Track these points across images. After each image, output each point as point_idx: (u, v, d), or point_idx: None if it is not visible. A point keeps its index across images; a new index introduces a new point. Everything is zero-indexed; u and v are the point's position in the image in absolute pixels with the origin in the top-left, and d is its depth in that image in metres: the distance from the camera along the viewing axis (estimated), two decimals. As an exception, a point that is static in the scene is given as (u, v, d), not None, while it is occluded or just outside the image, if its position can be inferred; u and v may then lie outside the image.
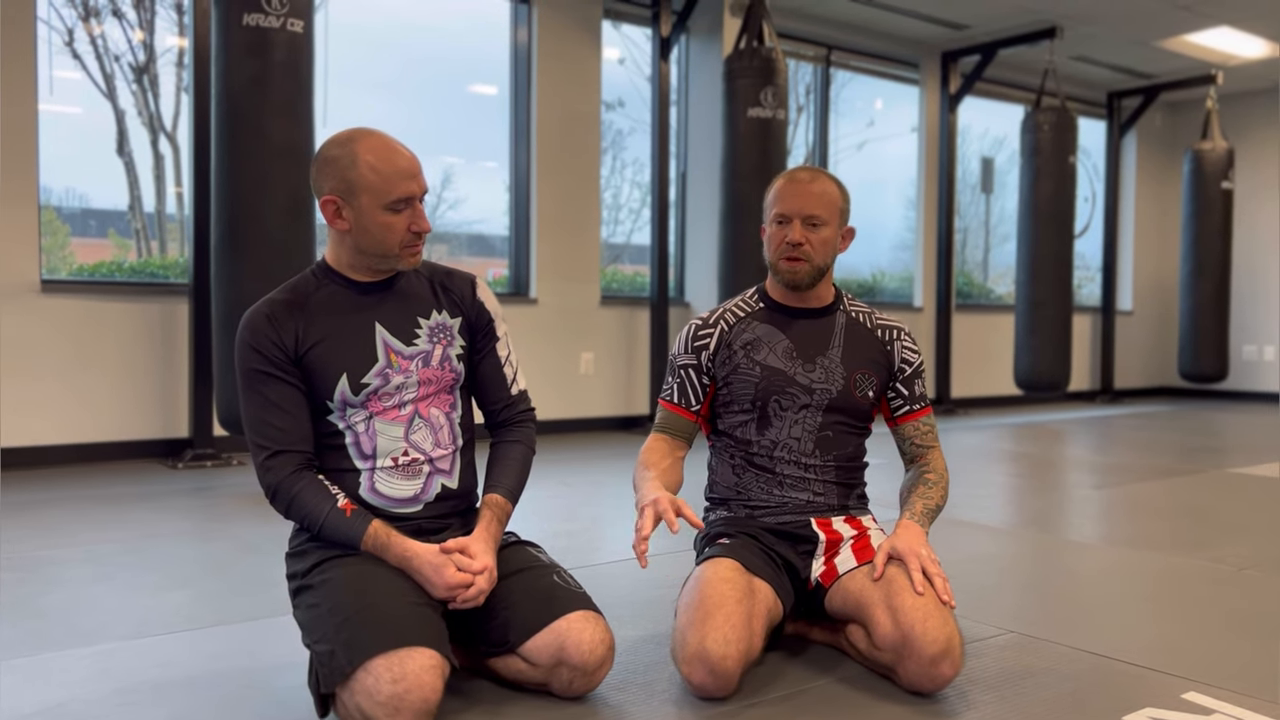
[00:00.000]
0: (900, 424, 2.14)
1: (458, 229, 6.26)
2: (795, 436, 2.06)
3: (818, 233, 2.02)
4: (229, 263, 4.02)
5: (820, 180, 2.04)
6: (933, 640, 1.77)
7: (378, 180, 1.70)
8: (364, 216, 1.71)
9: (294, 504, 1.71)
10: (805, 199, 2.01)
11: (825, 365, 2.07)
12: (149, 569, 2.71)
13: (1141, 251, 9.59)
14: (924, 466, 2.10)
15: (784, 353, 2.08)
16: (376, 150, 1.71)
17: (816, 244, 2.02)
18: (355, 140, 1.72)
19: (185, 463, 4.48)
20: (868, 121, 8.02)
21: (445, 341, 1.84)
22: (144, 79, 5.23)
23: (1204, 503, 3.96)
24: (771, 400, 2.06)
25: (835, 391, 2.06)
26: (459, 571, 1.68)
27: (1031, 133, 7.15)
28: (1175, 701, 1.84)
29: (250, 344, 1.73)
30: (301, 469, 1.73)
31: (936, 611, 1.81)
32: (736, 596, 1.81)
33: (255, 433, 1.73)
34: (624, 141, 6.80)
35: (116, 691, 1.82)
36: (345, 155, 1.70)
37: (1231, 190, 8.21)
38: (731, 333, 2.11)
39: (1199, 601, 2.54)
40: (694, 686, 1.77)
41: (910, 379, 2.13)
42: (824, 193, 2.03)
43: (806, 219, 2.01)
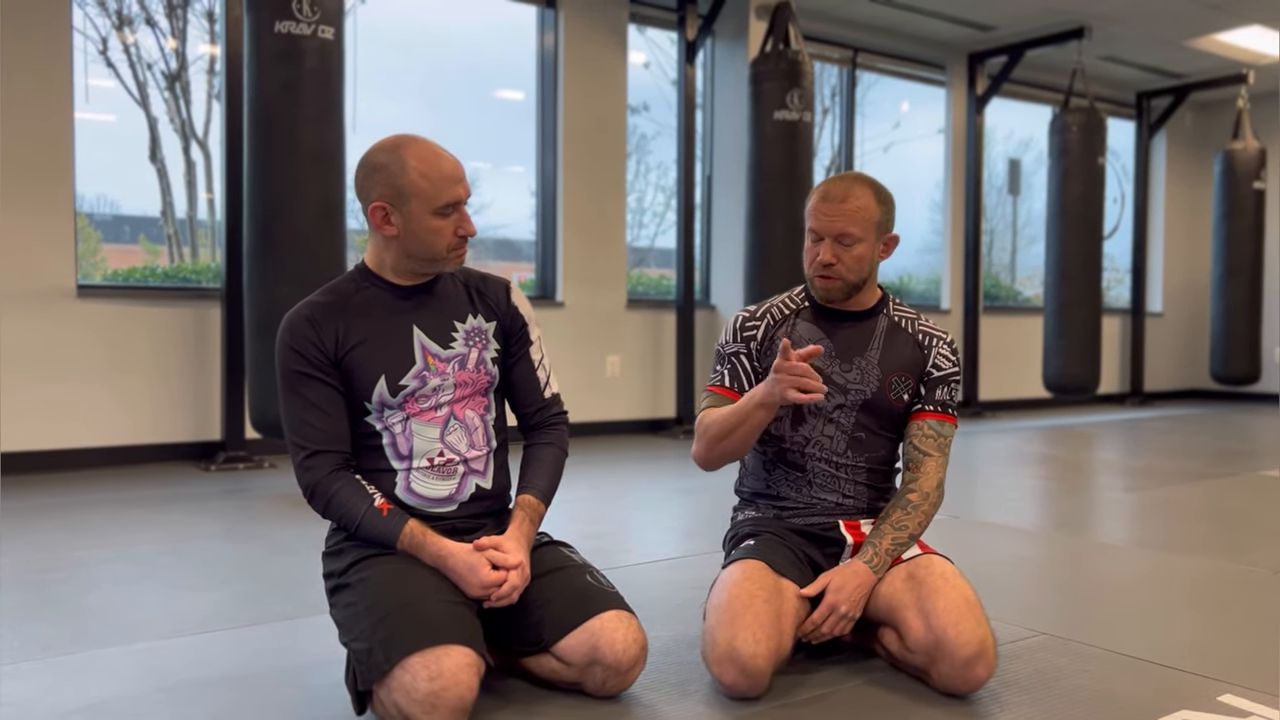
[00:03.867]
0: (910, 422, 2.07)
1: (484, 233, 6.30)
2: (828, 435, 2.05)
3: (850, 250, 1.98)
4: (261, 267, 4.06)
5: (854, 195, 1.97)
6: (966, 642, 1.77)
7: (427, 186, 1.72)
8: (413, 222, 1.74)
9: (332, 503, 1.73)
10: (836, 218, 1.97)
11: (862, 366, 2.05)
12: (186, 569, 2.75)
13: (1171, 253, 9.49)
14: (910, 483, 2.00)
15: (824, 351, 2.04)
16: (424, 156, 1.73)
17: (849, 262, 1.98)
18: (402, 147, 1.74)
19: (218, 465, 4.53)
20: (894, 124, 7.99)
21: (480, 345, 1.85)
22: (176, 86, 5.30)
23: (1237, 506, 3.92)
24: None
25: (870, 393, 2.03)
26: (493, 570, 1.70)
27: (1060, 134, 7.10)
28: (1210, 704, 1.83)
29: (290, 345, 1.75)
30: (339, 469, 1.75)
31: (969, 613, 1.81)
32: (764, 596, 1.82)
33: (294, 432, 1.76)
34: (648, 145, 6.81)
35: (157, 689, 1.85)
36: (394, 162, 1.73)
37: (1264, 190, 8.12)
38: (777, 328, 2.10)
39: (1233, 604, 2.52)
40: (725, 687, 1.78)
41: (935, 382, 2.05)
42: (857, 210, 1.96)
43: (838, 237, 1.97)
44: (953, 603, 1.82)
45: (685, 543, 3.02)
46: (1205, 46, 7.55)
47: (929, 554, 1.99)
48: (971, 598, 1.85)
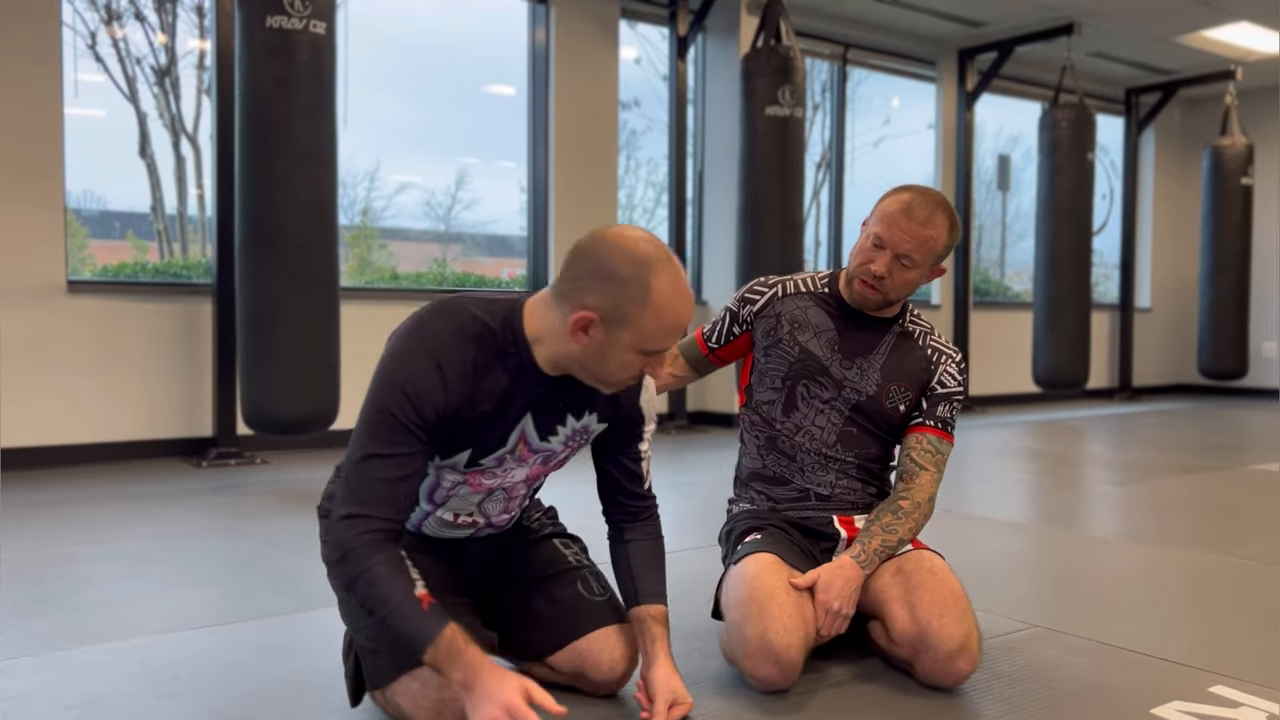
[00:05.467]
0: (907, 434, 2.04)
1: (474, 229, 6.29)
2: (819, 425, 2.04)
3: (904, 272, 1.94)
4: (253, 262, 4.05)
5: (934, 223, 1.91)
6: (949, 636, 1.79)
7: (655, 328, 1.47)
8: (613, 347, 1.49)
9: (363, 577, 1.45)
10: (908, 239, 1.91)
11: (862, 367, 2.03)
12: (180, 565, 2.75)
13: (1160, 248, 9.54)
14: (902, 490, 1.98)
15: (827, 342, 2.05)
16: (669, 295, 1.46)
17: (898, 282, 1.95)
18: (653, 270, 1.45)
19: (209, 461, 4.52)
20: (884, 119, 8.01)
21: (577, 445, 1.71)
22: (165, 81, 5.28)
23: (1227, 500, 3.95)
24: (800, 384, 2.05)
25: (864, 395, 2.02)
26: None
27: (1049, 130, 7.13)
28: (1202, 695, 1.85)
29: (406, 391, 1.48)
30: (386, 540, 1.48)
31: (954, 607, 1.82)
32: (784, 587, 1.83)
33: (357, 480, 1.48)
34: (638, 141, 6.81)
35: (154, 684, 1.85)
36: (636, 284, 1.45)
37: (1251, 186, 8.17)
38: (784, 301, 2.09)
39: (1224, 597, 2.54)
40: (759, 681, 1.79)
41: (938, 398, 2.02)
42: (929, 239, 1.91)
43: (900, 255, 1.92)
44: (938, 596, 1.83)
45: (679, 537, 3.03)
46: (1193, 43, 7.59)
47: (920, 549, 2.00)
48: (958, 591, 1.86)
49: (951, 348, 2.08)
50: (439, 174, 6.02)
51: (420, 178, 5.96)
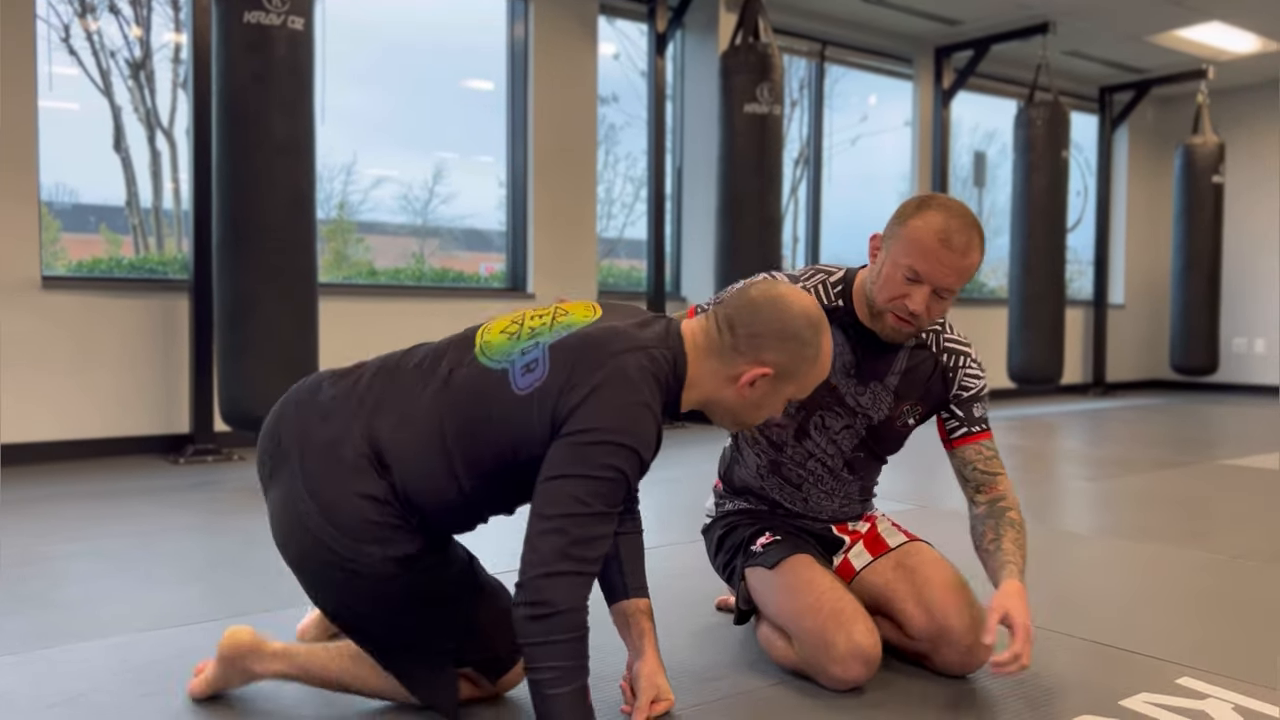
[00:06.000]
0: (958, 447, 1.94)
1: (451, 223, 6.28)
2: (829, 454, 1.99)
3: (942, 304, 1.80)
4: (231, 258, 4.04)
5: (973, 249, 1.76)
6: (968, 630, 1.86)
7: (810, 383, 1.61)
8: (770, 397, 1.60)
9: (569, 642, 1.41)
10: (949, 271, 1.75)
11: (875, 391, 1.94)
12: (160, 563, 2.74)
13: (1133, 245, 9.65)
14: (1003, 501, 1.89)
15: (843, 369, 1.93)
16: (829, 353, 1.61)
17: (936, 313, 1.81)
18: (823, 332, 1.58)
19: (187, 458, 4.50)
20: (861, 116, 8.06)
21: None
22: (140, 75, 5.24)
23: (1197, 494, 4.01)
24: (815, 415, 1.96)
25: (878, 419, 1.96)
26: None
27: (1025, 128, 7.20)
28: (1170, 686, 1.89)
29: (643, 458, 1.48)
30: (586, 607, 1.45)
31: (965, 602, 1.89)
32: (840, 586, 1.89)
33: (585, 536, 1.42)
34: (617, 136, 6.82)
35: (138, 682, 1.85)
36: (811, 346, 1.56)
37: (1222, 185, 8.28)
38: None
39: (1193, 591, 2.59)
40: (844, 681, 1.83)
41: (968, 402, 1.94)
42: (969, 268, 1.77)
43: (939, 290, 1.77)
44: (949, 591, 1.90)
45: (661, 533, 3.05)
46: (1166, 42, 7.68)
47: (913, 540, 2.05)
48: (961, 581, 1.93)
49: (964, 343, 1.98)
50: (416, 168, 6.01)
51: (397, 172, 5.94)
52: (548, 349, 1.52)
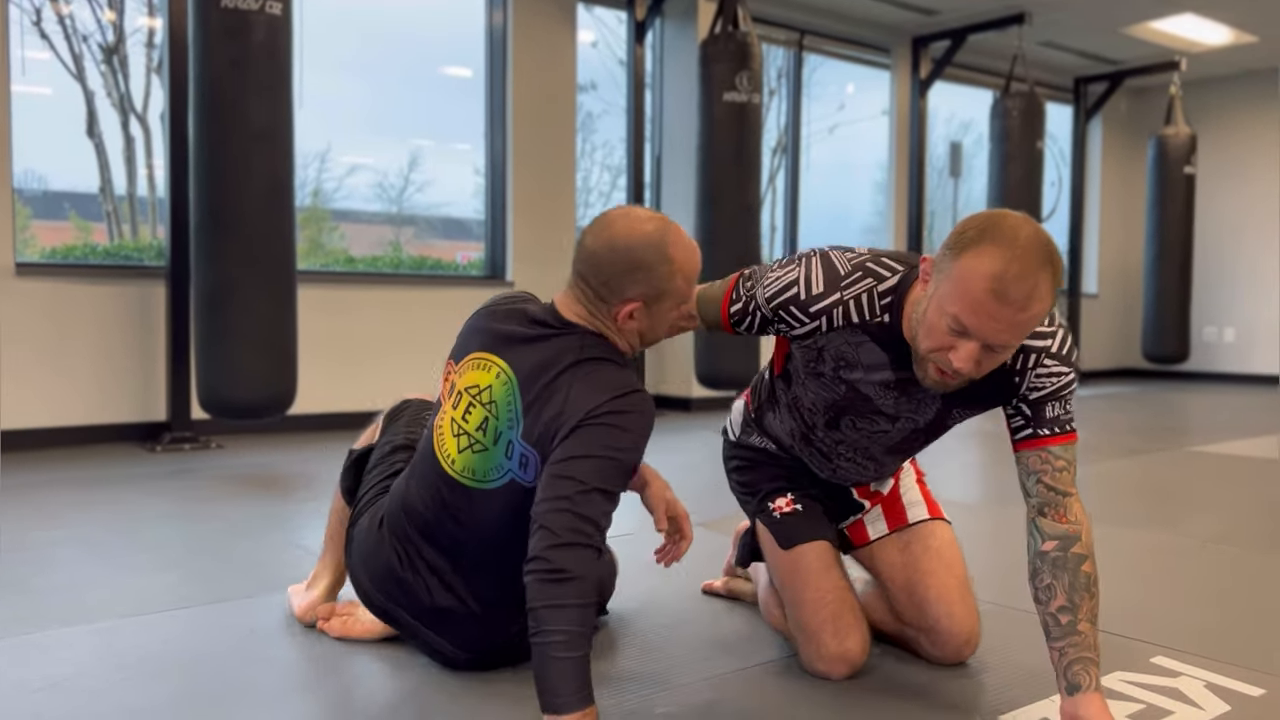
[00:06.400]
0: (1021, 450, 1.61)
1: (428, 211, 6.26)
2: (864, 446, 1.84)
3: (995, 358, 1.47)
4: (208, 246, 4.01)
5: (1035, 299, 1.39)
6: (957, 632, 1.87)
7: (685, 285, 1.69)
8: (656, 317, 1.70)
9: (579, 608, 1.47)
10: (1005, 328, 1.42)
11: (920, 399, 1.70)
12: (140, 550, 2.73)
13: (1106, 235, 9.75)
14: (1077, 546, 1.55)
15: (880, 385, 1.69)
16: (685, 255, 1.67)
17: (987, 367, 1.49)
18: (668, 243, 1.65)
19: (164, 446, 4.48)
20: (839, 105, 8.09)
21: None
22: (114, 60, 5.19)
23: (1168, 480, 4.08)
24: (846, 416, 1.78)
25: (922, 423, 1.76)
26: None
27: (1001, 118, 7.26)
28: (1145, 665, 1.93)
29: (646, 436, 1.63)
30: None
31: (961, 600, 1.88)
32: (846, 585, 1.88)
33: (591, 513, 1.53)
34: (594, 123, 6.82)
35: (120, 668, 1.85)
36: (664, 263, 1.64)
37: (1194, 175, 8.37)
38: (828, 336, 1.66)
39: (1166, 573, 2.64)
40: (825, 675, 1.84)
41: (1041, 402, 1.60)
42: (1033, 319, 1.41)
43: (992, 346, 1.45)
44: (946, 588, 1.88)
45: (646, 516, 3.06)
46: (1140, 34, 7.75)
47: (931, 520, 1.96)
48: (963, 577, 1.91)
49: (1044, 331, 1.59)
50: (392, 155, 5.99)
51: (373, 159, 5.91)
52: (525, 443, 1.64)
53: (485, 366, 1.72)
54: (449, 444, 1.73)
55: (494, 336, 1.73)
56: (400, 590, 1.77)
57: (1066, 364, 1.60)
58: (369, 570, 1.81)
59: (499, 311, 1.77)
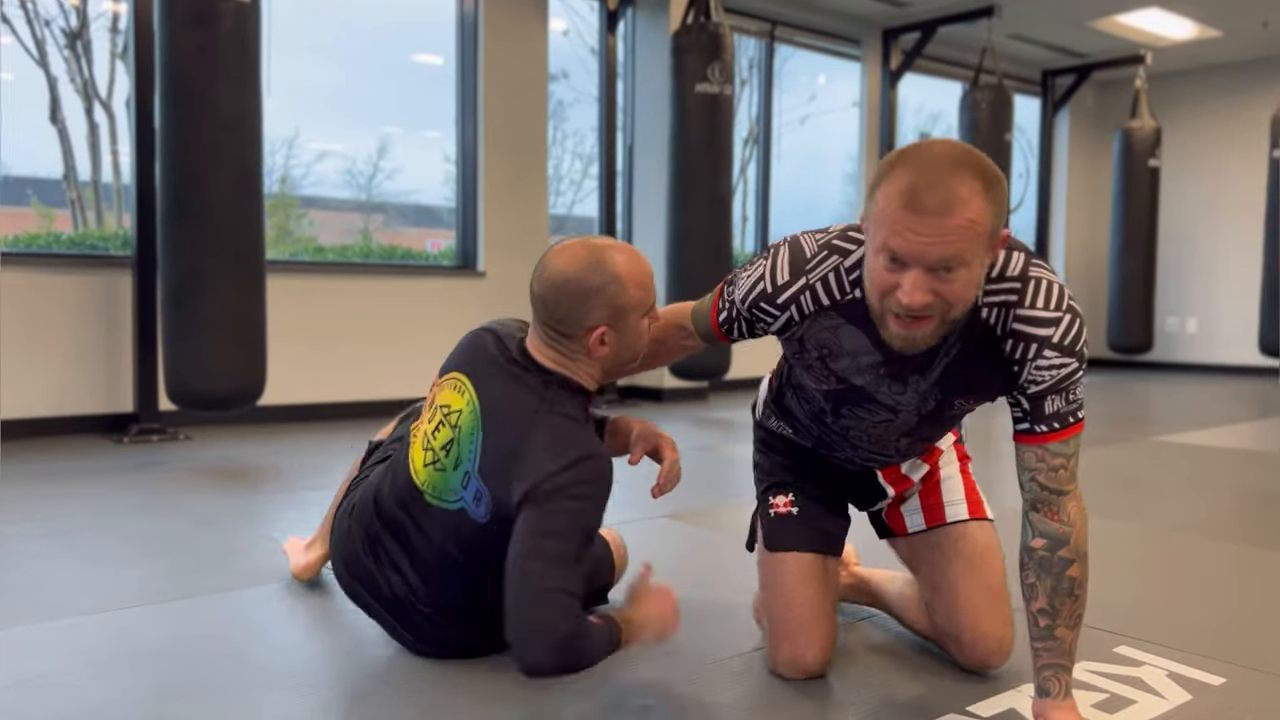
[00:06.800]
0: (1019, 444, 1.53)
1: (398, 199, 6.22)
2: (872, 435, 1.76)
3: (952, 281, 1.35)
4: (176, 235, 3.97)
5: (957, 201, 1.30)
6: (983, 645, 1.81)
7: (641, 295, 1.70)
8: (627, 334, 1.71)
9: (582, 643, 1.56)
10: (931, 240, 1.32)
11: (918, 387, 1.60)
12: (108, 544, 2.70)
13: (1073, 227, 9.86)
14: (1064, 549, 1.52)
15: (869, 368, 1.60)
16: (630, 267, 1.69)
17: (950, 296, 1.36)
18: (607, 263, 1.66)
19: (131, 437, 4.43)
20: (810, 96, 8.11)
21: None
22: (77, 45, 5.11)
23: (1133, 470, 4.14)
24: (844, 406, 1.72)
25: (924, 413, 1.67)
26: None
27: (970, 110, 7.31)
28: (1108, 655, 1.96)
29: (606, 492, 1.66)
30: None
31: (991, 610, 1.81)
32: (819, 599, 1.83)
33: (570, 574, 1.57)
34: (565, 112, 6.80)
35: (91, 664, 1.84)
36: (613, 283, 1.66)
37: (1159, 168, 8.49)
38: (803, 325, 1.61)
39: (1129, 562, 2.69)
40: (783, 676, 1.84)
41: (1041, 395, 1.48)
42: (965, 226, 1.31)
43: (934, 266, 1.34)
44: (976, 595, 1.82)
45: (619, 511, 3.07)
46: (1106, 27, 7.83)
47: (972, 520, 1.89)
48: (996, 584, 1.83)
49: (1048, 317, 1.46)
50: (361, 142, 5.94)
51: (342, 145, 5.86)
52: (479, 478, 1.66)
53: (460, 389, 1.74)
54: (417, 456, 1.78)
55: (477, 360, 1.76)
56: (365, 576, 1.82)
57: (1070, 354, 1.46)
58: (341, 553, 1.88)
59: (493, 335, 1.80)
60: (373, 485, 1.86)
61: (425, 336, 5.58)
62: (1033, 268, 1.49)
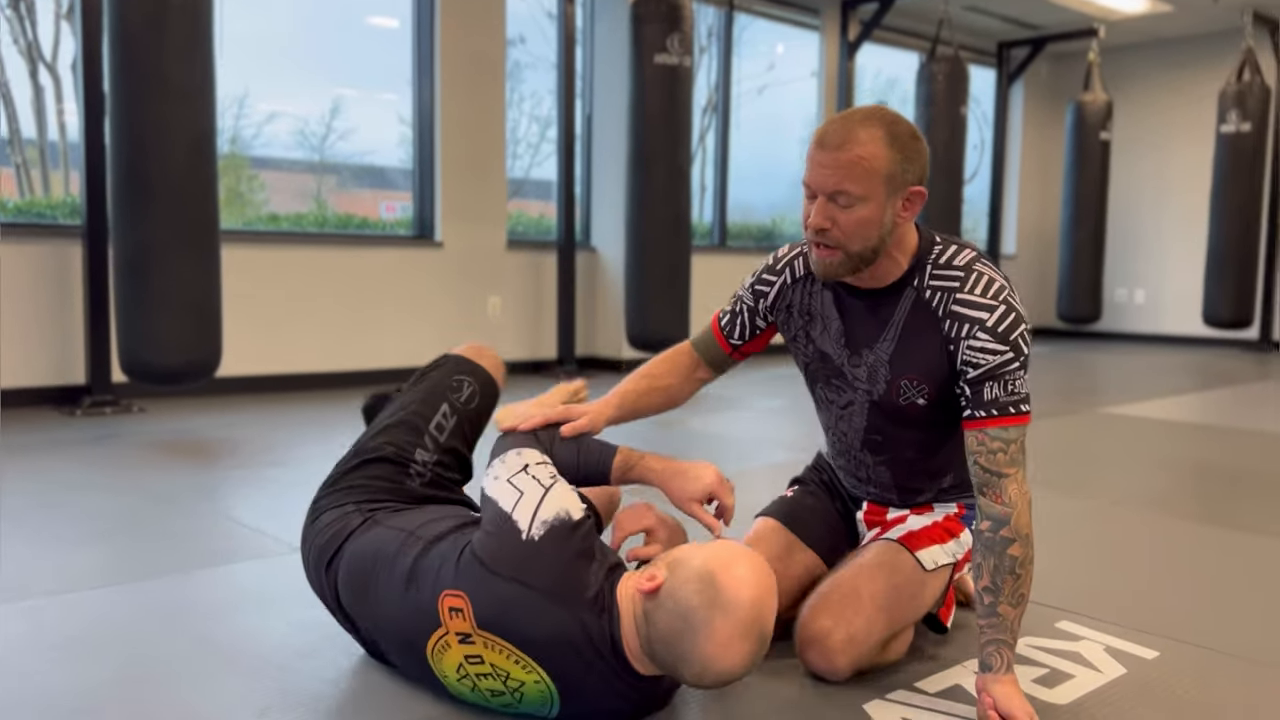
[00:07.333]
0: (965, 429, 1.62)
1: (349, 159, 6.13)
2: (843, 430, 1.83)
3: (850, 213, 1.53)
4: (129, 206, 3.91)
5: (853, 141, 1.51)
6: (813, 623, 1.72)
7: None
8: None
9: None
10: (830, 170, 1.52)
11: (870, 362, 1.71)
12: (65, 522, 2.69)
13: (1025, 198, 9.99)
14: (1005, 529, 1.57)
15: (835, 336, 1.74)
16: (723, 644, 1.38)
17: (848, 227, 1.54)
18: (712, 621, 1.37)
19: (84, 409, 4.38)
20: (769, 65, 8.11)
21: None
22: (20, 5, 4.97)
23: (1078, 442, 4.25)
24: (818, 387, 1.83)
25: (876, 395, 1.73)
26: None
27: (927, 83, 7.36)
28: (1051, 630, 2.03)
29: None
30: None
31: (840, 608, 1.71)
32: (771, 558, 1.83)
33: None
34: (521, 74, 6.74)
35: (52, 648, 1.84)
36: (700, 627, 1.38)
37: (1109, 141, 8.61)
38: (793, 290, 1.78)
39: (1073, 536, 2.76)
40: None
41: (978, 381, 1.58)
42: (857, 160, 1.50)
43: (832, 195, 1.53)
44: (837, 590, 1.74)
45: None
46: (1061, 0, 7.90)
47: (896, 544, 1.82)
48: (865, 591, 1.73)
49: (984, 303, 1.59)
50: (313, 103, 5.84)
51: (293, 106, 5.77)
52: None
53: (526, 667, 1.48)
54: (446, 666, 1.55)
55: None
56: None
57: (1004, 343, 1.57)
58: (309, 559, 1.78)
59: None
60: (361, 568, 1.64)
61: (382, 308, 5.55)
62: (978, 264, 1.65)
